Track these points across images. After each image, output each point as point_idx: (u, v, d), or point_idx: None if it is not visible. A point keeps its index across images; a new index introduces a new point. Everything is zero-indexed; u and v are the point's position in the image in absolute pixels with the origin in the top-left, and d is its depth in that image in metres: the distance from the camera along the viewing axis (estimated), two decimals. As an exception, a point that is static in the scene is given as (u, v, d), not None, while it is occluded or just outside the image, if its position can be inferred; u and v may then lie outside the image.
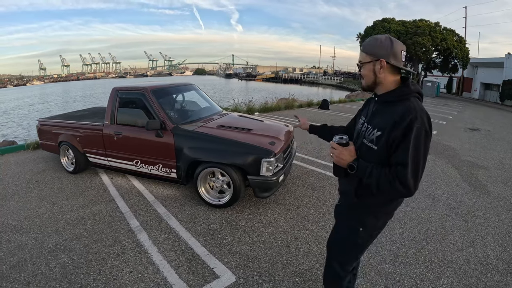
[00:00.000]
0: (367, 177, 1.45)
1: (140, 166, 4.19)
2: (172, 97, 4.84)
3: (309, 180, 4.83)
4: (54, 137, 5.11)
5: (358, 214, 1.65)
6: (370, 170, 1.44)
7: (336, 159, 1.54)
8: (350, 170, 1.49)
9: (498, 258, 3.03)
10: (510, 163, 6.61)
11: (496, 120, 15.36)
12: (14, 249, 3.02)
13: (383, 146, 1.44)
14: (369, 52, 1.51)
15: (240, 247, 3.04)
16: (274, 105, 12.99)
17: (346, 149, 1.52)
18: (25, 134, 15.08)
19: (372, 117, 1.57)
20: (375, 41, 1.50)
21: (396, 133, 1.38)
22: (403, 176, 1.34)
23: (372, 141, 1.49)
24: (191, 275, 2.61)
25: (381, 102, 1.56)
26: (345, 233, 1.73)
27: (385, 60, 1.46)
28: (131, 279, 2.57)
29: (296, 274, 2.68)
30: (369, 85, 1.57)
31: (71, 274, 2.64)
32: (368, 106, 1.71)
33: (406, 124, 1.35)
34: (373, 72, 1.51)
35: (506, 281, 2.69)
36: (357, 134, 1.66)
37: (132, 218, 3.56)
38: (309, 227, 3.44)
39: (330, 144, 1.59)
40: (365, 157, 1.50)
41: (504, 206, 4.23)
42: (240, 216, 3.64)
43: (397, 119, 1.38)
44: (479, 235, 3.44)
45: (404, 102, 1.44)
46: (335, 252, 1.82)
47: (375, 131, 1.49)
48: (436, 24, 30.70)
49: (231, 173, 3.52)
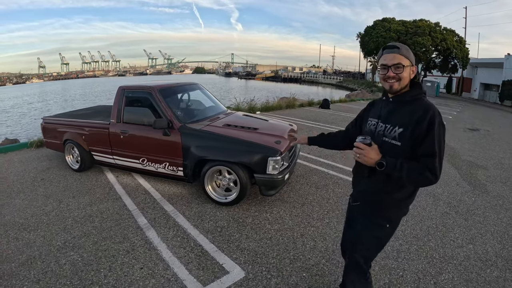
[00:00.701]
0: (397, 171, 1.53)
1: (146, 164, 4.23)
2: (178, 96, 4.88)
3: (313, 179, 4.88)
4: (59, 135, 5.14)
5: (385, 210, 1.74)
6: (400, 164, 1.53)
7: (365, 159, 1.61)
8: (379, 168, 1.56)
9: (497, 255, 3.11)
10: (509, 163, 6.69)
11: (495, 120, 15.45)
12: (22, 246, 3.04)
13: (407, 141, 1.56)
14: (408, 57, 1.61)
15: (248, 244, 3.09)
16: (276, 105, 13.04)
17: (372, 148, 1.60)
18: (24, 132, 15.07)
19: (389, 116, 1.67)
20: (409, 49, 1.65)
21: (420, 128, 1.51)
22: (432, 165, 1.48)
23: (394, 138, 1.60)
24: (201, 271, 2.66)
25: (396, 102, 1.67)
26: (370, 229, 1.79)
27: (416, 67, 1.65)
28: (142, 275, 2.61)
29: (303, 269, 2.73)
30: (402, 87, 1.64)
31: (81, 271, 2.67)
32: (375, 108, 1.83)
33: (429, 119, 1.50)
34: (409, 76, 1.63)
35: (505, 277, 2.77)
36: (372, 134, 1.72)
37: (139, 215, 3.61)
38: (314, 224, 3.50)
39: (355, 145, 1.65)
40: (389, 154, 1.59)
41: (503, 205, 4.31)
42: (246, 213, 3.69)
43: (420, 116, 1.53)
44: (479, 232, 3.52)
45: (419, 101, 1.61)
46: (360, 248, 1.86)
47: (397, 128, 1.59)
48: (436, 24, 30.78)
49: (238, 171, 3.57)
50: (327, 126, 9.39)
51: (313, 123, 9.82)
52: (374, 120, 1.75)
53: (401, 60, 1.60)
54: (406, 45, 1.68)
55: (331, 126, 9.40)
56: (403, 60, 1.60)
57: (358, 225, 1.87)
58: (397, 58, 1.60)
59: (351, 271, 1.97)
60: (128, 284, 2.51)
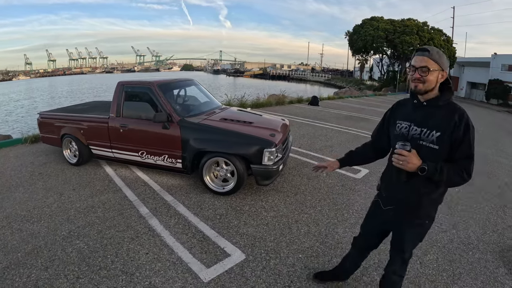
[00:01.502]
0: (438, 175, 1.60)
1: (145, 157, 4.37)
2: (176, 92, 5.03)
3: (304, 171, 5.10)
4: (57, 130, 5.20)
5: (425, 210, 1.80)
6: (440, 168, 1.59)
7: (408, 165, 1.63)
8: (421, 172, 1.61)
9: (479, 239, 3.37)
10: (493, 158, 7.02)
11: (481, 118, 15.95)
12: (27, 237, 3.12)
13: (445, 145, 1.62)
14: (438, 61, 1.63)
15: (246, 229, 3.28)
16: (266, 101, 13.21)
17: (413, 154, 1.63)
18: (11, 131, 14.81)
19: (424, 120, 1.69)
20: (442, 54, 1.67)
21: (458, 132, 1.59)
22: (469, 167, 1.60)
23: (432, 141, 1.64)
24: (204, 254, 2.84)
25: (431, 106, 1.70)
26: (415, 230, 1.89)
27: (447, 72, 1.68)
28: (148, 260, 2.76)
29: (299, 251, 2.95)
30: (427, 90, 1.67)
31: (88, 258, 2.79)
32: (403, 110, 1.85)
33: (464, 123, 1.59)
34: (436, 80, 1.65)
35: (486, 258, 3.02)
36: (405, 138, 1.74)
37: (141, 205, 3.75)
38: (307, 211, 3.71)
39: (396, 152, 1.67)
40: (427, 157, 1.63)
41: (485, 196, 4.59)
42: (243, 202, 3.88)
43: (457, 120, 1.60)
44: (462, 219, 3.77)
45: (451, 105, 1.68)
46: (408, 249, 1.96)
47: (434, 132, 1.64)
48: (424, 24, 31.44)
49: (235, 162, 3.75)
50: (316, 122, 9.61)
51: (302, 119, 10.03)
52: (406, 123, 1.77)
53: (428, 63, 1.63)
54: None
55: (320, 122, 9.62)
56: (430, 64, 1.63)
57: (398, 228, 1.94)
58: (424, 61, 1.64)
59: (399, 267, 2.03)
60: (135, 268, 2.66)
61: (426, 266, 2.82)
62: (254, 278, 2.56)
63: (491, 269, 2.87)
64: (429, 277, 2.69)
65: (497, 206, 4.28)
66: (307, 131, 8.15)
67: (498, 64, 29.62)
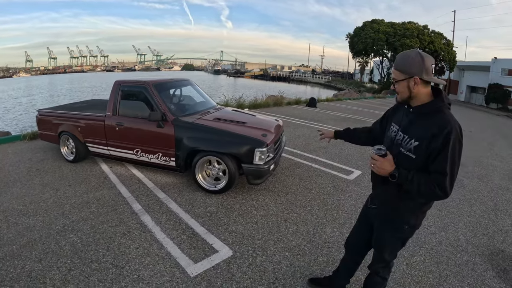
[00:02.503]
0: (408, 184, 1.58)
1: (140, 155, 4.46)
2: (171, 91, 5.11)
3: (297, 171, 5.18)
4: (54, 127, 5.29)
5: (402, 216, 1.77)
6: (411, 177, 1.56)
7: (378, 170, 1.65)
8: (392, 179, 1.60)
9: (468, 241, 3.40)
10: (488, 161, 7.03)
11: (479, 122, 15.98)
12: (22, 230, 3.21)
13: (421, 155, 1.57)
14: (402, 70, 1.60)
15: (235, 227, 3.37)
16: (263, 102, 13.28)
17: (386, 160, 1.63)
18: (8, 128, 14.81)
19: (408, 127, 1.67)
20: (407, 58, 1.58)
21: (435, 144, 1.51)
22: (442, 183, 1.51)
23: (410, 150, 1.61)
24: (192, 250, 2.92)
25: (416, 113, 1.65)
26: (391, 232, 1.85)
27: (419, 77, 1.56)
28: (138, 254, 2.85)
29: (286, 250, 3.02)
30: (404, 100, 1.67)
31: (81, 251, 2.89)
32: (399, 112, 1.83)
33: (444, 136, 1.49)
34: (407, 89, 1.61)
35: (474, 261, 3.04)
36: (392, 142, 1.75)
37: (134, 202, 3.84)
38: (297, 211, 3.79)
39: (370, 155, 1.69)
40: (403, 164, 1.62)
41: (478, 199, 4.62)
42: (234, 200, 3.97)
43: (436, 131, 1.51)
44: (452, 222, 3.81)
45: (439, 113, 1.57)
46: (387, 250, 1.93)
47: (413, 141, 1.60)
48: (425, 27, 31.49)
49: (227, 161, 3.84)
50: (313, 124, 9.67)
51: (299, 120, 10.10)
52: (396, 127, 1.77)
53: (394, 74, 1.65)
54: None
55: (317, 124, 9.69)
56: (396, 74, 1.64)
57: (378, 228, 1.94)
58: (393, 73, 1.66)
59: (381, 269, 2.02)
60: (125, 261, 2.75)
61: (413, 267, 2.86)
62: (240, 274, 2.65)
63: (479, 272, 2.89)
64: (415, 278, 2.72)
65: (489, 209, 4.31)
66: (303, 132, 8.23)
67: (498, 69, 29.68)
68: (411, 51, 1.61)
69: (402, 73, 1.60)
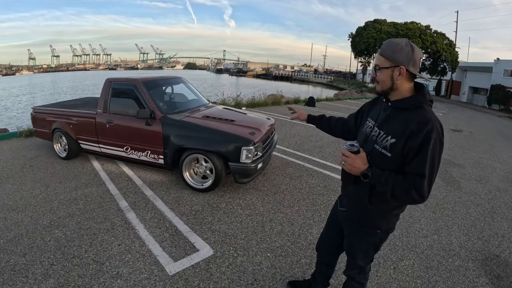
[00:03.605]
0: (382, 185, 1.43)
1: (130, 153, 4.48)
2: (161, 89, 5.12)
3: (288, 170, 5.17)
4: (48, 125, 5.33)
5: (373, 220, 1.65)
6: (385, 178, 1.42)
7: (349, 168, 1.50)
8: (364, 178, 1.46)
9: (461, 246, 3.29)
10: (487, 162, 6.95)
11: (480, 123, 15.87)
12: (10, 225, 3.26)
13: (397, 153, 1.43)
14: (389, 57, 1.46)
15: (219, 226, 3.37)
16: (262, 101, 13.27)
17: (359, 157, 1.48)
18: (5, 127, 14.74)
19: (385, 123, 1.54)
20: (396, 46, 1.44)
21: (413, 143, 1.37)
22: (420, 186, 1.37)
23: (385, 147, 1.47)
24: (173, 248, 2.93)
25: (395, 108, 1.52)
26: (363, 238, 1.73)
27: (405, 68, 1.43)
28: (119, 251, 2.87)
29: (268, 250, 3.00)
30: (384, 91, 1.53)
31: (64, 246, 2.91)
32: (376, 107, 1.70)
33: (424, 135, 1.36)
34: (390, 78, 1.48)
35: (466, 266, 2.94)
36: (366, 138, 1.62)
37: (121, 199, 3.86)
38: (284, 211, 3.78)
39: (341, 151, 1.54)
40: (377, 163, 1.49)
41: (474, 201, 4.54)
42: (221, 199, 3.97)
43: (414, 129, 1.38)
44: (445, 225, 3.72)
45: (419, 110, 1.44)
46: (360, 255, 1.80)
47: (389, 137, 1.46)
48: (427, 27, 31.33)
49: (214, 159, 3.84)
50: (310, 123, 9.64)
51: (295, 119, 10.07)
52: (372, 122, 1.63)
53: (378, 60, 1.51)
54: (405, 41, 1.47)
55: (315, 123, 9.65)
56: (380, 61, 1.50)
57: (348, 233, 1.83)
58: (377, 59, 1.53)
59: (356, 275, 1.90)
60: (106, 258, 2.76)
61: (400, 272, 2.77)
62: (218, 274, 2.64)
63: (471, 278, 2.78)
64: (402, 283, 2.63)
65: (485, 211, 4.22)
66: (298, 131, 8.22)
67: (500, 70, 29.53)
68: (400, 40, 1.47)
69: (387, 60, 1.46)
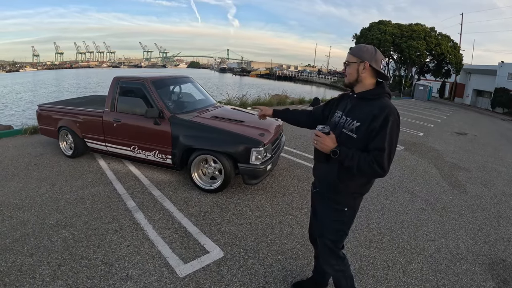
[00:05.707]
0: (349, 160, 1.69)
1: (137, 152, 4.43)
2: (170, 88, 5.08)
3: (296, 172, 5.12)
4: (54, 122, 5.30)
5: (341, 197, 1.88)
6: (352, 154, 1.68)
7: (321, 146, 1.76)
8: (333, 155, 1.72)
9: (469, 249, 3.30)
10: (492, 166, 6.90)
11: (484, 126, 15.74)
12: (16, 224, 3.21)
13: (362, 134, 1.71)
14: (356, 54, 1.79)
15: (228, 227, 3.32)
16: (267, 101, 13.20)
17: (329, 137, 1.74)
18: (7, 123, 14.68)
19: (351, 111, 1.82)
20: (363, 47, 1.81)
21: (375, 124, 1.66)
22: (380, 159, 1.63)
23: (352, 130, 1.75)
24: (183, 250, 2.88)
25: (359, 98, 1.82)
26: (333, 215, 1.94)
27: (368, 63, 1.76)
28: (128, 252, 2.82)
29: (279, 253, 2.96)
30: (351, 82, 1.84)
31: (72, 247, 2.87)
32: (343, 101, 1.96)
33: (384, 117, 1.65)
34: (356, 71, 1.79)
35: (474, 270, 2.95)
36: (335, 125, 1.87)
37: (129, 199, 3.81)
38: (293, 213, 3.73)
39: (313, 132, 1.79)
40: (345, 144, 1.74)
41: (480, 205, 4.52)
42: (229, 200, 3.92)
43: (376, 113, 1.67)
44: (452, 228, 3.72)
45: (379, 99, 1.75)
46: (328, 234, 1.98)
47: (355, 122, 1.74)
48: (432, 29, 31.11)
49: (223, 160, 3.79)
50: (316, 124, 9.59)
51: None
52: (340, 112, 1.90)
53: (348, 58, 1.83)
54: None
55: (320, 124, 9.60)
56: (349, 58, 1.82)
57: (320, 212, 2.04)
58: (347, 57, 1.84)
59: (324, 255, 2.06)
60: (115, 259, 2.72)
61: (409, 275, 2.77)
62: (230, 276, 2.60)
63: (478, 282, 2.80)
64: (411, 286, 2.64)
65: (491, 216, 4.21)
66: (304, 132, 8.14)
67: (504, 73, 29.37)
68: (367, 45, 1.83)
69: (354, 56, 1.79)
